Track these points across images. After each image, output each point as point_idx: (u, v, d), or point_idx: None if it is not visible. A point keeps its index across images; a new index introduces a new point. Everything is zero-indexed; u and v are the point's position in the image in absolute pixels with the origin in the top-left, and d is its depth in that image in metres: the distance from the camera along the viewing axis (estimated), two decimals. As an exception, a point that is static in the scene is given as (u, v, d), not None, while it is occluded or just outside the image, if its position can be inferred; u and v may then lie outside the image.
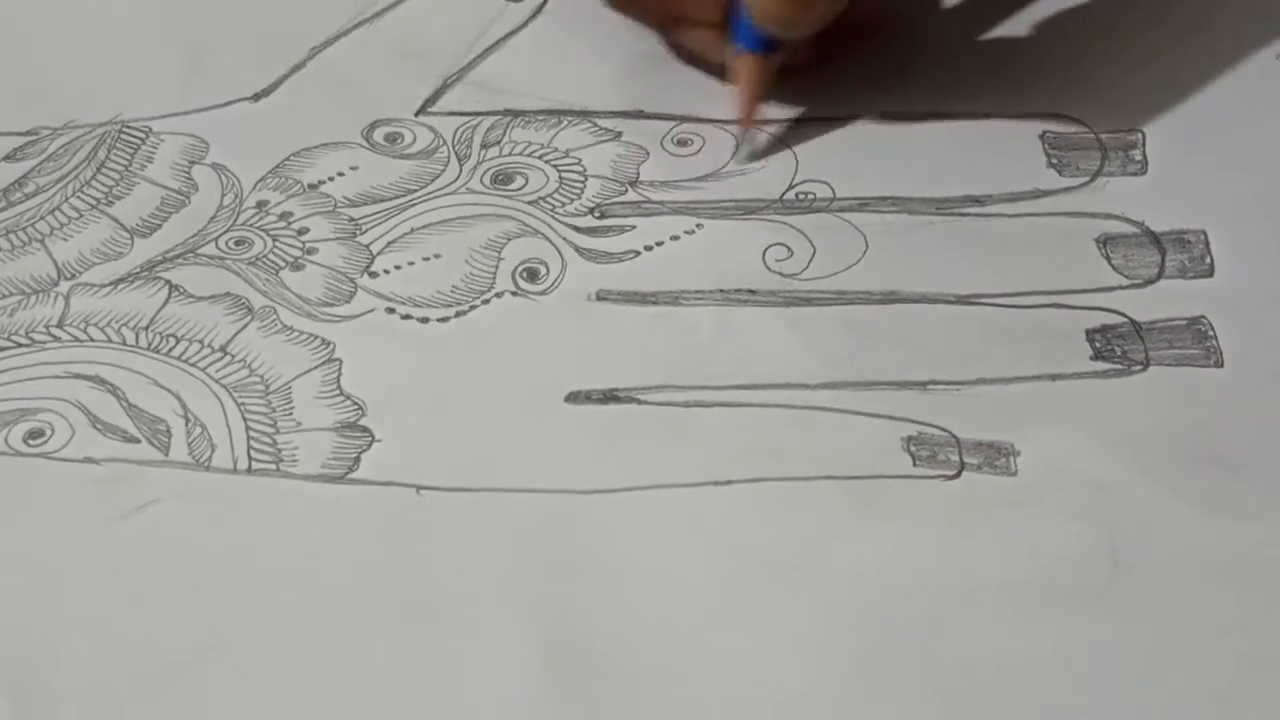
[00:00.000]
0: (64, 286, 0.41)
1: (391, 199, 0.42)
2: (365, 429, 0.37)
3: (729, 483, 0.36)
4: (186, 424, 0.38)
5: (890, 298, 0.39)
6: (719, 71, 0.43)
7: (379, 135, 0.44)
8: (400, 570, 0.35)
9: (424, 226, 0.42)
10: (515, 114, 0.45)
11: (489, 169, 0.43)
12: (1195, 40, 0.45)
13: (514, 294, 0.40)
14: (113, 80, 0.45)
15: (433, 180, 0.43)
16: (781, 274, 0.40)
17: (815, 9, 0.40)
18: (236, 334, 0.39)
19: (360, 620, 0.34)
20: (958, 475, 0.36)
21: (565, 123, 0.44)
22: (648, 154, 0.43)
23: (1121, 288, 0.39)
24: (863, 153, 0.42)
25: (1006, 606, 0.34)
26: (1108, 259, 0.40)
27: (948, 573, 0.34)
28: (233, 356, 0.39)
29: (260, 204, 0.42)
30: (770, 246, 0.41)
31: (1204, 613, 0.34)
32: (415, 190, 0.43)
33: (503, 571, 0.35)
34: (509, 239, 0.41)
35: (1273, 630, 0.33)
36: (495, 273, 0.41)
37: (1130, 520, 0.35)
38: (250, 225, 0.42)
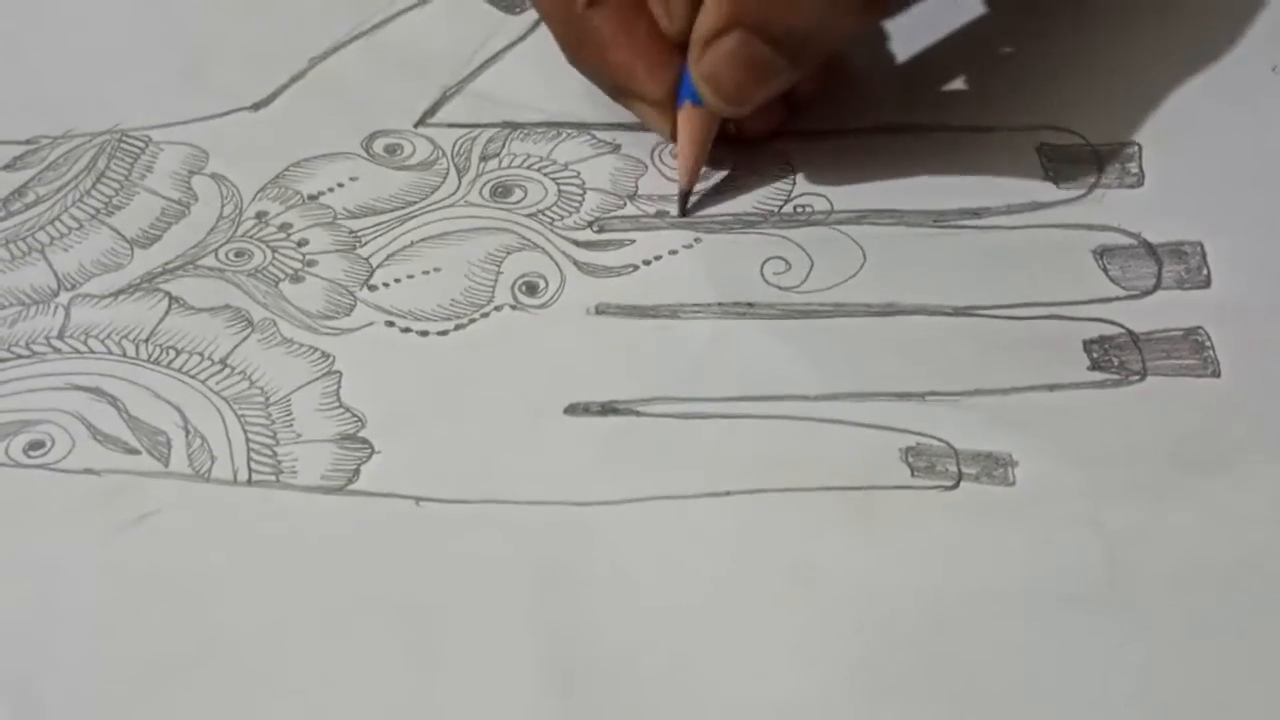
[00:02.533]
0: (64, 298, 0.41)
1: (391, 211, 0.43)
2: (365, 441, 0.38)
3: (728, 494, 0.36)
4: (187, 435, 0.38)
5: (888, 310, 0.40)
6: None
7: (379, 146, 0.44)
8: (400, 582, 0.35)
9: (423, 239, 0.42)
10: (514, 126, 0.45)
11: (488, 181, 0.43)
12: (1192, 51, 0.45)
13: (513, 307, 0.40)
14: (112, 89, 0.45)
15: (432, 192, 0.43)
16: (780, 287, 0.40)
17: (768, 89, 0.40)
18: (236, 346, 0.39)
19: (360, 632, 0.34)
20: (956, 486, 0.36)
21: (564, 135, 0.44)
22: (646, 167, 0.43)
23: (1119, 299, 0.39)
24: (860, 166, 0.42)
25: (1006, 617, 0.34)
26: (1105, 270, 0.40)
27: (947, 584, 0.34)
28: (233, 369, 0.39)
29: (260, 215, 0.43)
30: (768, 260, 0.41)
31: (1203, 623, 0.34)
32: (415, 202, 0.43)
33: (503, 584, 0.35)
34: (508, 253, 0.41)
35: (1272, 640, 0.33)
36: (495, 286, 0.41)
37: (1128, 530, 0.35)
38: (250, 237, 0.42)
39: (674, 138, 0.42)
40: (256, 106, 0.45)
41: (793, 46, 0.39)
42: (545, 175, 0.43)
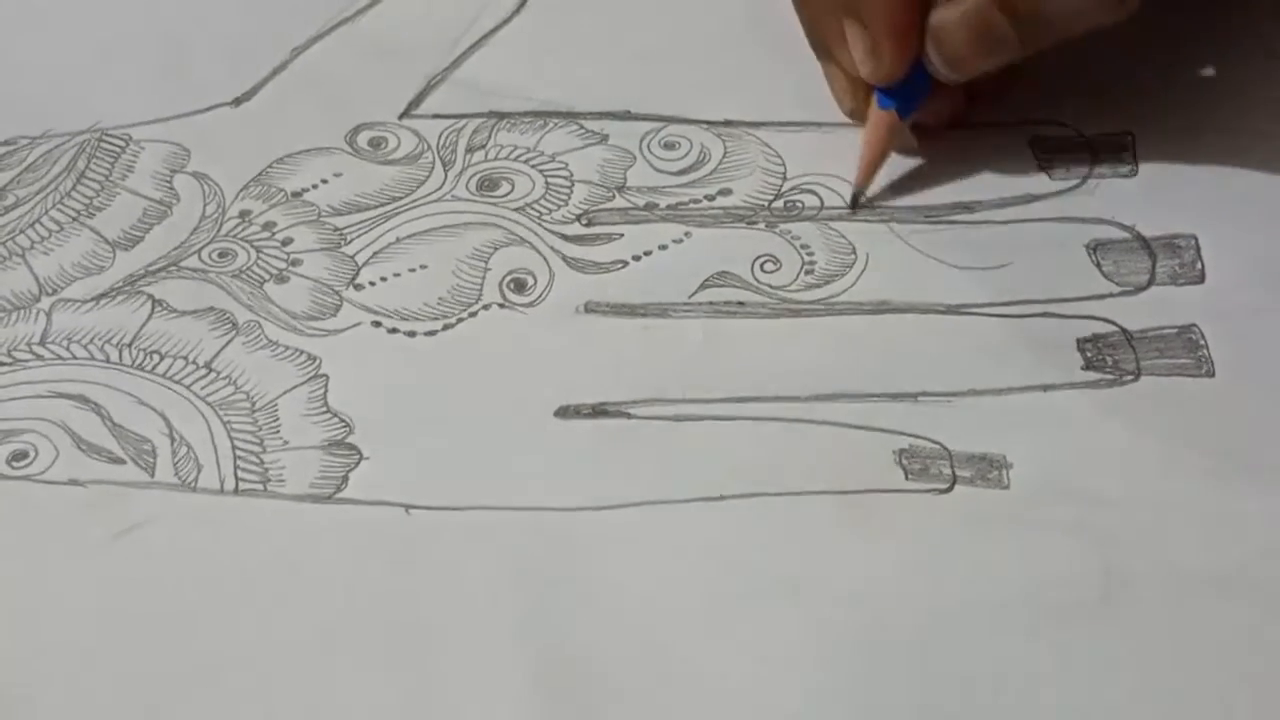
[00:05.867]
0: (45, 303, 0.40)
1: (376, 207, 0.42)
2: (353, 447, 0.37)
3: (720, 498, 0.36)
4: (172, 444, 0.37)
5: (880, 308, 0.39)
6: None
7: (362, 140, 0.44)
8: (390, 591, 0.35)
9: (409, 236, 0.41)
10: (500, 116, 0.44)
11: (474, 174, 0.43)
12: (1186, 40, 0.44)
13: (501, 306, 0.40)
14: (91, 86, 0.45)
15: (418, 187, 0.43)
16: (771, 285, 0.40)
17: (989, 62, 0.39)
18: (221, 350, 0.39)
19: (350, 642, 0.34)
20: (950, 489, 0.36)
21: (551, 125, 0.44)
22: (635, 158, 0.43)
23: (1113, 295, 0.39)
24: (850, 162, 0.41)
25: (1001, 621, 0.34)
26: (1098, 265, 0.40)
27: (942, 587, 0.34)
28: (218, 373, 0.39)
29: (243, 214, 0.42)
30: (759, 257, 0.40)
31: (1199, 624, 0.34)
32: (400, 198, 0.42)
33: (493, 591, 0.35)
34: (496, 248, 0.41)
35: (1268, 642, 0.33)
36: (482, 284, 0.40)
37: (1123, 532, 0.35)
38: (233, 236, 0.41)
39: (852, 115, 0.42)
40: (238, 102, 0.45)
41: (1031, 26, 0.38)
42: (532, 167, 0.43)
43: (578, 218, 0.42)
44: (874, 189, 0.41)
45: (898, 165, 0.42)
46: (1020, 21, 0.38)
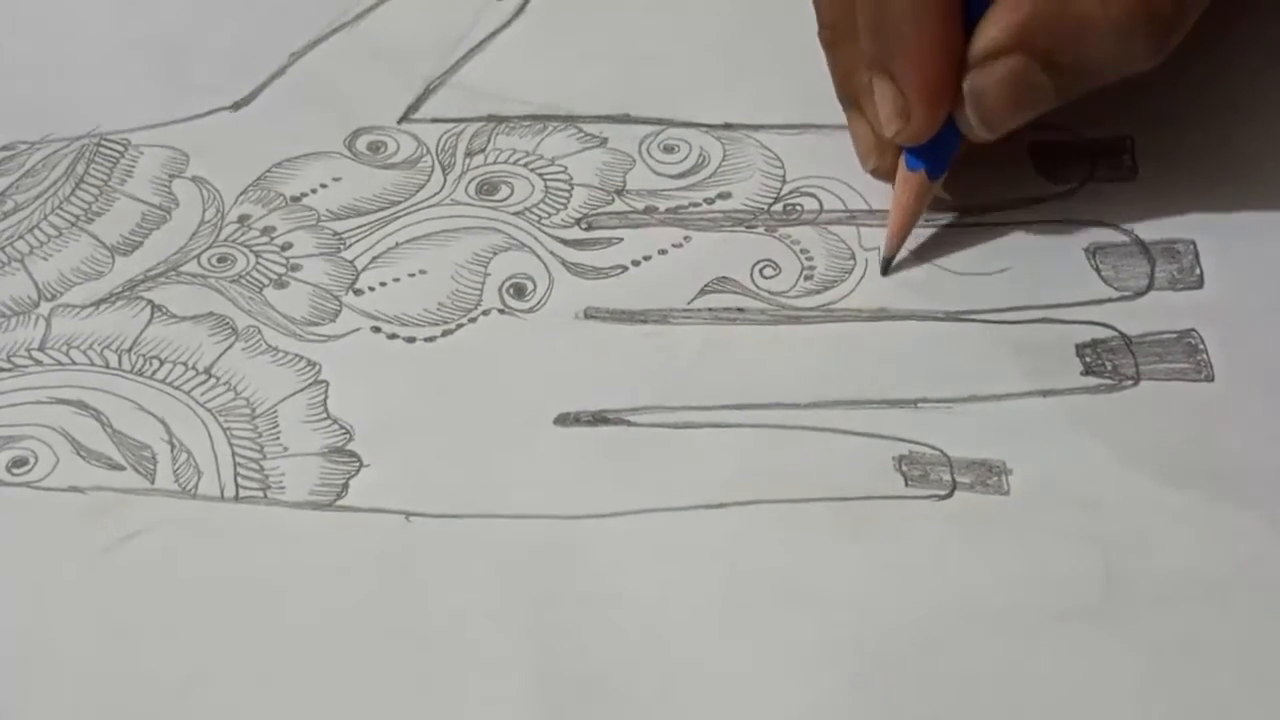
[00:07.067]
0: (45, 308, 0.40)
1: (375, 211, 0.42)
2: (353, 454, 0.37)
3: (721, 505, 0.36)
4: (172, 450, 0.37)
5: (879, 315, 0.39)
6: None
7: (361, 144, 0.44)
8: (390, 598, 0.35)
9: (409, 240, 0.41)
10: (499, 120, 0.44)
11: (474, 179, 0.43)
12: (1186, 43, 0.44)
13: (501, 311, 0.40)
14: (90, 91, 0.45)
15: (417, 191, 0.42)
16: (770, 291, 0.40)
17: (1026, 116, 0.38)
18: (220, 355, 0.39)
19: (351, 650, 0.34)
20: (950, 495, 0.36)
21: (550, 128, 0.44)
22: (634, 161, 0.43)
23: (1111, 300, 0.39)
24: (849, 166, 0.41)
25: (1001, 626, 0.34)
26: (1097, 270, 0.40)
27: (942, 594, 0.34)
28: (217, 379, 0.39)
29: (242, 219, 0.42)
30: (758, 263, 0.40)
31: (1199, 630, 0.34)
32: (399, 202, 0.42)
33: (494, 599, 0.35)
34: (495, 253, 0.41)
35: (1268, 648, 0.33)
36: (482, 289, 0.40)
37: (1123, 538, 0.35)
38: (232, 241, 0.41)
39: (875, 173, 0.41)
40: (237, 106, 0.45)
41: (1070, 78, 0.37)
42: (532, 171, 0.43)
43: (577, 221, 0.42)
44: (861, 197, 0.41)
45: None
46: (1060, 73, 0.37)
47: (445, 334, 0.39)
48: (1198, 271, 0.40)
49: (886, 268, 0.40)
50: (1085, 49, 0.36)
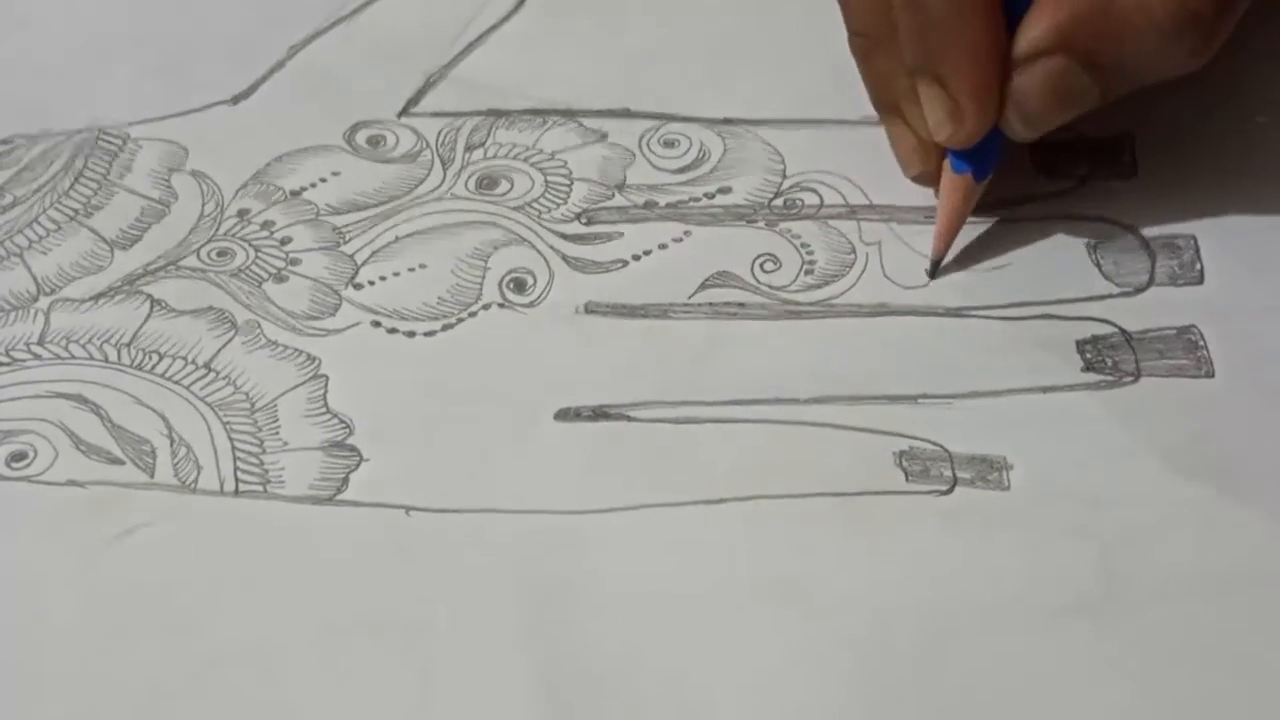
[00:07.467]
0: (44, 302, 0.40)
1: (375, 206, 0.42)
2: (353, 448, 0.37)
3: (721, 501, 0.36)
4: (171, 444, 0.37)
5: (879, 310, 0.39)
6: None
7: (361, 138, 0.44)
8: (390, 593, 0.35)
9: (409, 235, 0.41)
10: (499, 114, 0.44)
11: (473, 173, 0.43)
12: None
13: (501, 306, 0.40)
14: (88, 85, 0.45)
15: (417, 185, 0.42)
16: (771, 285, 0.40)
17: (1067, 117, 0.38)
18: (220, 350, 0.39)
19: (351, 645, 0.34)
20: (950, 490, 0.36)
21: (550, 123, 0.44)
22: (635, 156, 0.43)
23: (1112, 296, 0.39)
24: (851, 160, 0.41)
25: (1001, 622, 0.34)
26: (1098, 265, 0.40)
27: (943, 590, 0.34)
28: (217, 373, 0.39)
29: (241, 213, 0.42)
30: (759, 257, 0.40)
31: (1199, 626, 0.34)
32: (399, 196, 0.42)
33: (494, 593, 0.35)
34: (495, 247, 0.41)
35: (1267, 644, 0.33)
36: (482, 283, 0.40)
37: (1123, 534, 0.35)
38: (232, 235, 0.41)
39: (918, 179, 0.40)
40: (236, 100, 0.44)
41: (1113, 78, 0.37)
42: (532, 165, 0.43)
43: (577, 216, 0.42)
44: (863, 193, 0.41)
45: (896, 163, 0.41)
46: (1102, 73, 0.36)
47: (445, 329, 0.39)
48: (1198, 267, 0.40)
49: (935, 270, 0.40)
50: (1126, 50, 0.36)
